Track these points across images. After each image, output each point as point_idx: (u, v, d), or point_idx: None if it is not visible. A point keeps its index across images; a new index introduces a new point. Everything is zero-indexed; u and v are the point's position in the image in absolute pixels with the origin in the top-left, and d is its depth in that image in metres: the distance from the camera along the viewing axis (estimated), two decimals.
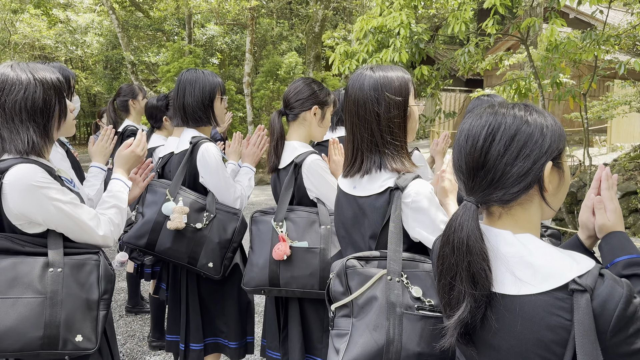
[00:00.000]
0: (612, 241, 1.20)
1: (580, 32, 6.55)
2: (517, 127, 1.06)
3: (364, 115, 1.56)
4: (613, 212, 1.22)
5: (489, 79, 19.51)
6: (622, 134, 15.40)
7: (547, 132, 1.07)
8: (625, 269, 1.15)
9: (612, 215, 1.22)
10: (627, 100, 10.79)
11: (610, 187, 1.25)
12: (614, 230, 1.22)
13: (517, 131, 1.05)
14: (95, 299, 1.64)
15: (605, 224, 1.23)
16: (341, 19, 19.48)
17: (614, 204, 1.23)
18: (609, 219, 1.22)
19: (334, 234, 2.15)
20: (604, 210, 1.23)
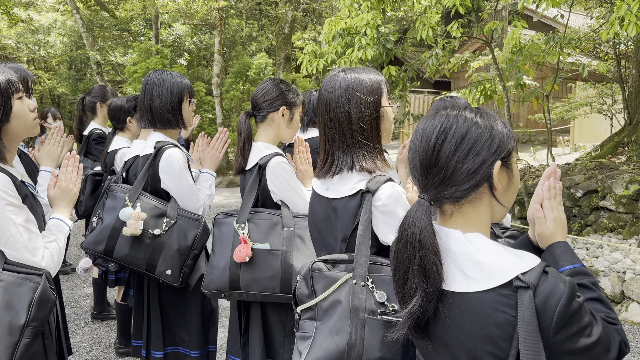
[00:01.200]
0: (555, 251, 1.21)
1: (544, 35, 6.72)
2: (468, 127, 1.09)
3: (335, 116, 1.56)
4: (553, 222, 1.23)
5: (457, 81, 19.83)
6: (584, 134, 15.85)
7: (496, 134, 1.10)
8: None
9: (552, 224, 1.23)
10: (589, 101, 11.14)
11: (552, 196, 1.26)
12: (552, 239, 1.23)
13: (468, 131, 1.09)
14: (20, 324, 1.50)
15: (543, 233, 1.24)
16: (311, 20, 19.49)
17: (554, 213, 1.24)
18: (548, 228, 1.23)
19: (298, 236, 2.14)
20: (544, 219, 1.25)
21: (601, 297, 1.15)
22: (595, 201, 6.46)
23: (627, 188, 6.10)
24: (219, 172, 12.66)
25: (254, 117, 2.34)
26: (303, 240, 2.14)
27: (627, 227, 6.02)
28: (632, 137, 7.55)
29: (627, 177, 6.24)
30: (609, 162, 7.29)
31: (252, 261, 2.08)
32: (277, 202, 2.21)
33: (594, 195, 6.51)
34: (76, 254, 6.53)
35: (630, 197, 6.07)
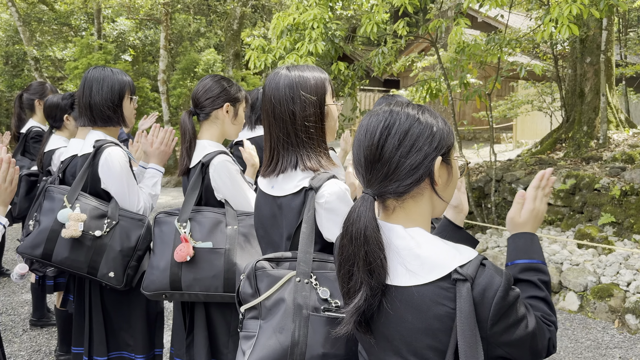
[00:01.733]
0: (519, 241, 1.25)
1: (486, 35, 6.95)
2: (410, 124, 1.12)
3: (279, 114, 1.55)
4: (529, 212, 1.26)
5: (405, 79, 20.22)
6: (526, 131, 16.52)
7: (436, 131, 1.13)
8: (522, 273, 1.21)
9: (527, 214, 1.27)
10: (530, 99, 11.59)
11: (539, 187, 1.29)
12: (522, 227, 1.27)
13: (410, 127, 1.11)
14: None
15: (514, 219, 1.28)
16: (260, 17, 19.33)
17: (534, 204, 1.27)
18: (521, 216, 1.27)
19: (241, 234, 2.12)
20: (521, 205, 1.28)
21: (547, 298, 1.19)
22: None
23: (565, 182, 6.41)
24: (167, 171, 12.36)
25: (197, 116, 2.29)
26: (247, 238, 2.12)
27: (565, 219, 6.33)
28: (569, 134, 7.94)
29: (564, 172, 6.56)
30: (548, 158, 7.64)
31: (194, 260, 2.04)
32: (221, 201, 2.18)
33: None
34: (13, 258, 6.21)
35: (567, 191, 6.38)
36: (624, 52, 14.99)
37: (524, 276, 1.20)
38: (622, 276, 4.74)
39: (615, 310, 4.49)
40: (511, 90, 15.02)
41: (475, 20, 17.74)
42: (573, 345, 4.17)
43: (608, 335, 4.30)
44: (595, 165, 6.72)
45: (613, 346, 4.13)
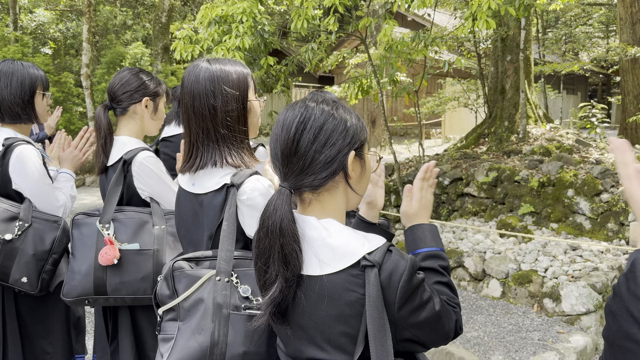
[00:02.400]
0: (416, 232, 1.30)
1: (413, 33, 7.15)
2: (325, 119, 1.15)
3: (199, 108, 1.51)
4: (418, 202, 1.33)
5: (339, 76, 20.43)
6: (454, 126, 17.20)
7: (350, 126, 1.17)
8: (424, 261, 1.26)
9: (417, 204, 1.33)
10: (456, 96, 12.05)
11: (424, 178, 1.35)
12: (416, 219, 1.32)
13: (325, 122, 1.14)
14: None
15: (407, 212, 1.34)
16: (191, 10, 18.84)
17: (421, 194, 1.34)
18: (412, 207, 1.33)
19: (170, 234, 2.06)
20: (410, 198, 1.33)
21: (449, 282, 1.25)
22: (461, 188, 7.04)
23: (487, 175, 6.73)
24: (88, 170, 11.81)
25: (114, 110, 2.20)
26: (176, 238, 2.06)
27: (488, 210, 6.65)
28: (492, 129, 8.35)
29: (487, 165, 6.89)
30: (472, 152, 7.99)
31: (120, 263, 1.96)
32: (146, 200, 2.10)
33: (459, 183, 7.10)
34: None
35: (490, 183, 6.71)
36: (542, 51, 15.94)
37: (425, 264, 1.25)
38: (540, 263, 5.04)
39: (534, 295, 4.78)
40: (439, 87, 15.57)
41: (406, 18, 18.24)
42: (496, 330, 4.40)
43: (528, 319, 4.57)
44: (516, 159, 7.11)
45: (532, 329, 4.40)
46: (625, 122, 10.35)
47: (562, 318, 4.50)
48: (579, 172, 6.14)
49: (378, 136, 14.54)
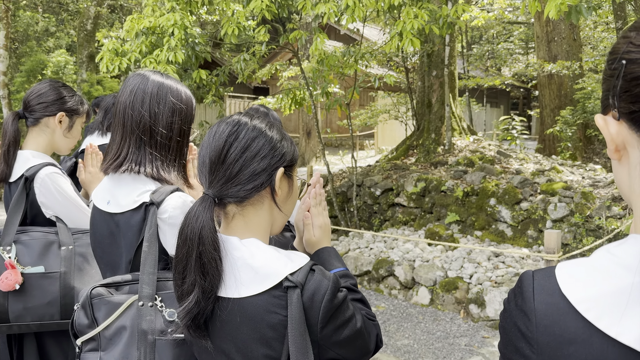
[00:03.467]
0: (322, 255, 1.30)
1: (346, 47, 7.27)
2: (258, 133, 1.15)
3: (140, 111, 1.45)
4: (319, 228, 1.33)
5: (274, 87, 20.45)
6: (386, 138, 17.65)
7: (281, 145, 1.18)
8: None
9: (318, 231, 1.33)
10: (387, 109, 12.38)
11: (318, 203, 1.36)
12: (319, 244, 1.33)
13: (257, 136, 1.15)
14: None
15: (310, 239, 1.33)
16: (118, 17, 18.22)
17: (320, 220, 1.34)
18: (315, 235, 1.33)
19: (80, 255, 1.94)
20: (311, 225, 1.34)
21: (363, 298, 1.26)
22: (392, 198, 7.21)
23: (416, 186, 6.93)
24: None
25: (25, 120, 2.07)
26: (86, 259, 1.95)
27: (417, 220, 6.84)
28: (420, 141, 8.62)
29: (415, 176, 7.09)
30: (402, 163, 8.21)
31: (23, 288, 1.82)
32: (51, 218, 1.97)
33: (390, 193, 7.26)
34: None
35: (418, 193, 6.91)
36: (467, 66, 16.73)
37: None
38: (465, 270, 5.23)
39: (461, 302, 4.94)
40: (371, 100, 15.94)
41: (338, 32, 18.56)
42: (426, 337, 4.50)
43: (455, 325, 4.72)
44: (442, 169, 7.37)
45: (460, 335, 4.54)
46: (543, 134, 11.03)
47: (487, 323, 4.68)
48: (500, 182, 6.46)
49: (313, 147, 14.64)
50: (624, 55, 0.63)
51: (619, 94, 0.63)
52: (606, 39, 12.31)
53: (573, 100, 9.97)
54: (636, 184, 0.65)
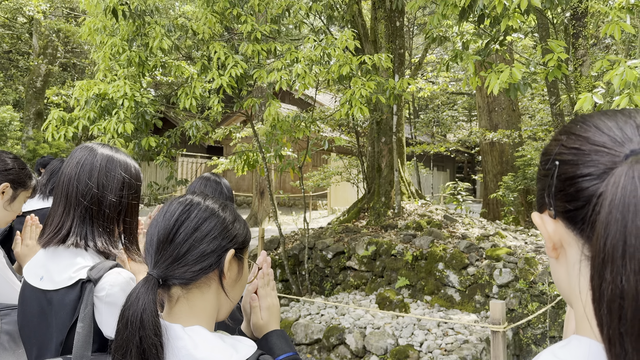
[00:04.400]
0: (271, 340, 1.28)
1: (301, 111, 7.46)
2: (210, 213, 1.14)
3: (86, 182, 1.43)
4: (267, 310, 1.31)
5: (228, 147, 20.51)
6: (339, 199, 17.85)
7: (233, 227, 1.17)
8: None
9: (266, 313, 1.31)
10: (339, 171, 12.61)
11: (266, 283, 1.35)
12: (267, 327, 1.30)
13: (209, 217, 1.13)
14: None
15: (257, 322, 1.31)
16: (70, 75, 18.05)
17: (267, 301, 1.32)
18: (262, 318, 1.31)
19: (5, 333, 1.82)
20: (259, 308, 1.32)
21: None
22: (343, 262, 7.21)
23: (367, 249, 6.98)
24: None
25: None
26: (12, 337, 1.83)
27: (369, 284, 6.84)
28: (371, 204, 8.77)
29: (366, 239, 7.16)
30: (354, 226, 8.28)
31: None
32: None
33: (342, 256, 7.27)
34: None
35: (369, 257, 6.95)
36: (414, 132, 17.44)
37: None
38: (416, 337, 5.22)
39: None
40: (324, 162, 16.21)
41: (293, 95, 19.07)
42: None
43: None
44: (392, 233, 7.49)
45: None
46: (487, 198, 11.47)
47: None
48: (448, 247, 6.61)
49: (266, 207, 14.59)
50: (556, 157, 0.66)
51: (554, 193, 0.66)
52: (542, 109, 13.22)
53: (514, 167, 10.50)
54: (575, 283, 0.66)
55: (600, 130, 0.64)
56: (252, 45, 5.65)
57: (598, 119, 0.66)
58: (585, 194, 0.62)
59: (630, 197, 0.54)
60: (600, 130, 0.64)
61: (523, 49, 13.75)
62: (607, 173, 0.60)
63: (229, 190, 2.31)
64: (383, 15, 8.31)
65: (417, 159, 14.52)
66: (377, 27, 8.42)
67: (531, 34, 7.60)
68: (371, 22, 8.82)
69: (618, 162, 0.60)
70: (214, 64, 5.85)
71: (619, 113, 0.66)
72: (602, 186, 0.59)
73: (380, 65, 5.77)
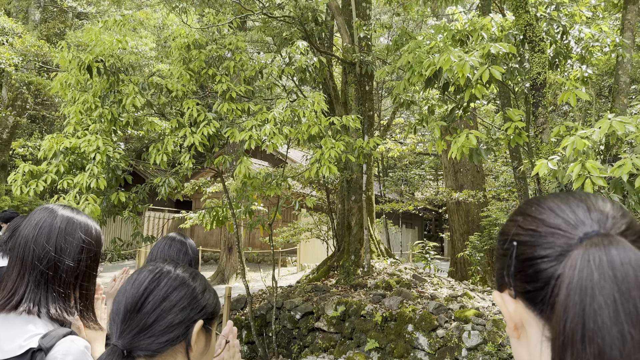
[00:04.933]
0: None
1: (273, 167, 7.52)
2: (180, 283, 1.12)
3: (44, 245, 1.39)
4: None
5: (197, 201, 20.30)
6: (308, 255, 17.70)
7: (203, 297, 1.15)
8: None
9: None
10: (309, 227, 12.59)
11: (232, 355, 1.34)
12: None
13: (178, 287, 1.11)
14: None
15: None
16: (39, 127, 17.82)
17: None
18: None
19: None
20: None
21: None
22: (312, 322, 7.07)
23: (336, 309, 6.88)
24: None
25: None
26: None
27: (337, 346, 6.69)
28: (340, 262, 8.73)
29: (336, 299, 7.07)
30: (323, 285, 8.19)
31: None
32: None
33: (310, 317, 7.13)
34: None
35: (338, 317, 6.84)
36: (383, 190, 17.69)
37: None
38: None
39: None
40: (294, 217, 16.19)
41: (265, 151, 19.22)
42: None
43: None
44: (362, 292, 7.43)
45: None
46: (455, 257, 11.58)
47: None
48: (417, 307, 6.58)
49: (234, 263, 14.33)
50: (514, 237, 0.68)
51: (513, 273, 0.66)
52: (505, 171, 13.67)
53: (480, 226, 10.70)
54: None
55: (555, 212, 0.66)
56: (227, 104, 5.75)
57: (552, 201, 0.69)
58: (543, 275, 0.63)
59: (587, 281, 0.55)
60: (555, 213, 0.66)
61: (486, 113, 14.39)
62: (563, 255, 0.62)
63: (194, 252, 2.28)
64: (353, 80, 8.63)
65: (386, 216, 14.67)
66: (347, 90, 8.71)
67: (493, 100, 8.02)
68: (342, 85, 9.13)
69: (573, 244, 0.62)
70: (186, 120, 5.90)
71: (570, 196, 0.69)
72: (560, 268, 0.61)
73: (350, 126, 5.93)
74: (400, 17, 10.36)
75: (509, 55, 4.65)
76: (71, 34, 13.69)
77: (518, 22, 4.69)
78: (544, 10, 5.07)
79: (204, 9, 8.07)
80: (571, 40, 5.11)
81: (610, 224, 0.64)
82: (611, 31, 5.48)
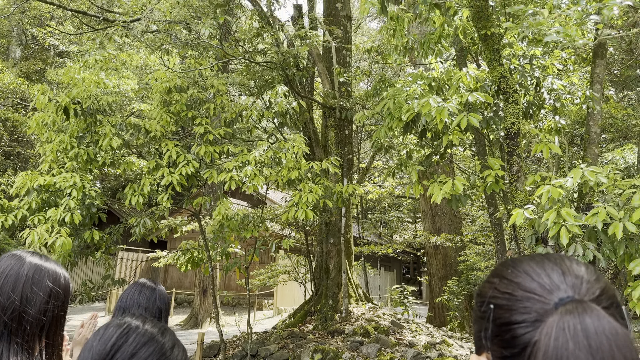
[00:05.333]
0: None
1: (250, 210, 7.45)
2: (149, 338, 1.09)
3: (9, 294, 1.35)
4: None
5: (172, 241, 19.95)
6: (285, 298, 17.39)
7: (172, 353, 1.11)
8: None
9: None
10: (287, 270, 12.44)
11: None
12: None
13: (147, 343, 1.08)
14: None
15: None
16: (13, 164, 17.50)
17: None
18: None
19: None
20: None
21: None
22: None
23: (313, 357, 6.70)
24: None
25: None
26: None
27: None
28: (318, 307, 8.59)
29: (312, 346, 6.90)
30: (299, 331, 8.01)
31: None
32: None
33: None
34: None
35: None
36: (362, 232, 17.67)
37: None
38: None
39: None
40: (272, 259, 16.00)
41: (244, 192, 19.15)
42: None
43: None
44: (339, 339, 7.28)
45: None
46: (433, 302, 11.51)
47: None
48: (395, 356, 6.46)
49: (208, 306, 13.98)
50: (491, 300, 0.68)
51: (490, 337, 0.66)
52: (482, 216, 13.83)
53: (458, 271, 10.71)
54: None
55: (530, 276, 0.67)
56: (205, 147, 5.75)
57: (527, 264, 0.69)
58: (520, 341, 0.63)
59: (562, 350, 0.56)
60: (530, 277, 0.67)
61: (462, 158, 14.67)
62: (539, 321, 0.62)
63: (164, 299, 2.21)
64: (333, 123, 8.74)
65: (364, 259, 14.60)
66: (327, 134, 8.81)
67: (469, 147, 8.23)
68: (322, 128, 9.24)
69: (549, 310, 0.62)
70: (164, 161, 5.86)
71: (545, 259, 0.70)
72: (536, 334, 0.61)
73: (330, 170, 5.97)
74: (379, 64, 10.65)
75: (485, 104, 4.79)
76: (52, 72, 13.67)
77: (492, 74, 4.85)
78: (517, 62, 5.26)
79: (187, 50, 8.17)
80: (544, 92, 5.29)
81: (585, 289, 0.64)
82: (581, 83, 5.70)
